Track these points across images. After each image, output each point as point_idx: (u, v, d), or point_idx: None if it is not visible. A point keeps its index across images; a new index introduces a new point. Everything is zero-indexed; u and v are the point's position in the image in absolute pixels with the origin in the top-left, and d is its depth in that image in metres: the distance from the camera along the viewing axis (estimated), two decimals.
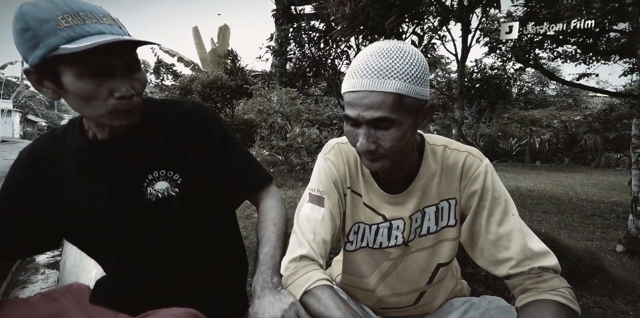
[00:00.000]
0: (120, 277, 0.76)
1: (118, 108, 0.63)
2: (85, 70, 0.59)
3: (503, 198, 0.68)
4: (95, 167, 0.72)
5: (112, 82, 0.62)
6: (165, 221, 0.72)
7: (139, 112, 0.68)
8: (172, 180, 0.72)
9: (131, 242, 0.72)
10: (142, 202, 0.71)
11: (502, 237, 0.65)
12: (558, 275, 0.62)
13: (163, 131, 0.74)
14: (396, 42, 0.62)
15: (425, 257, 0.75)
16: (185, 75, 10.49)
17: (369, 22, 1.91)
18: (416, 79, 0.59)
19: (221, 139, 0.78)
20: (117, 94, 0.62)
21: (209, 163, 0.76)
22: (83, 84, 0.60)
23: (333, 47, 5.90)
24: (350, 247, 0.77)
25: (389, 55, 0.58)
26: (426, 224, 0.73)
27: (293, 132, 5.30)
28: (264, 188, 0.82)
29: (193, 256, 0.75)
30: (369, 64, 0.59)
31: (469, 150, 0.72)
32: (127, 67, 0.63)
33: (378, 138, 0.61)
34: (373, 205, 0.74)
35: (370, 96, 0.58)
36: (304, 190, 3.00)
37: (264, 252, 0.69)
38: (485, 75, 10.18)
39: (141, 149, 0.72)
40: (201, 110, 0.78)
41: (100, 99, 0.62)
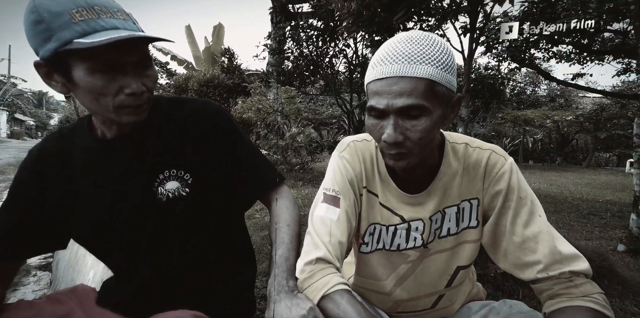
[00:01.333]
0: (126, 278, 0.74)
1: (127, 104, 0.62)
2: (97, 65, 0.58)
3: (529, 198, 0.65)
4: (103, 166, 0.71)
5: (123, 78, 0.61)
6: (174, 221, 0.70)
7: (147, 108, 0.67)
8: (182, 179, 0.71)
9: (138, 241, 0.71)
10: (152, 201, 0.69)
11: (528, 239, 0.62)
12: (590, 280, 0.60)
13: (173, 129, 0.73)
14: (423, 31, 0.60)
15: (445, 260, 0.72)
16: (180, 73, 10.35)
17: (376, 18, 1.89)
18: (447, 67, 0.57)
19: (232, 138, 0.76)
20: (128, 91, 0.61)
21: (219, 162, 0.74)
22: (94, 79, 0.59)
23: (331, 45, 5.87)
24: (365, 249, 0.75)
25: (419, 42, 0.57)
26: (446, 225, 0.70)
27: (291, 131, 5.26)
28: (276, 188, 0.80)
29: (201, 255, 0.74)
30: (398, 50, 0.57)
31: (492, 148, 0.70)
32: (139, 64, 0.62)
33: (407, 128, 0.58)
34: (390, 206, 0.71)
35: (401, 82, 0.55)
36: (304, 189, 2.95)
37: (278, 254, 0.67)
38: (480, 75, 10.27)
39: (151, 148, 0.71)
40: (212, 108, 0.77)
41: (110, 94, 0.61)
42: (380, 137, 0.60)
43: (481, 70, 10.40)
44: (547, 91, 17.64)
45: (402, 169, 0.67)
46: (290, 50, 6.05)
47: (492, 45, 5.40)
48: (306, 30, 5.65)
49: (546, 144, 12.94)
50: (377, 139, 0.62)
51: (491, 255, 0.70)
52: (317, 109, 6.83)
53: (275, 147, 5.14)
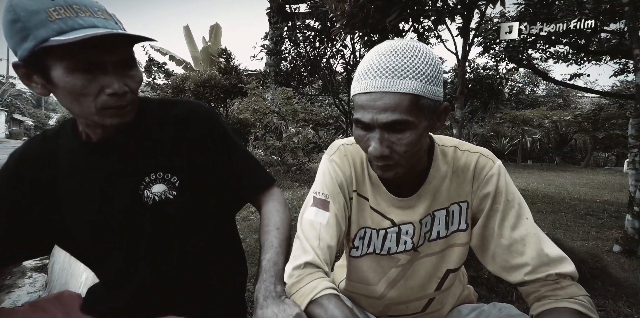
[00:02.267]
0: (114, 285, 0.72)
1: (109, 105, 0.60)
2: (75, 64, 0.56)
3: (517, 201, 0.65)
4: (89, 169, 0.69)
5: (104, 78, 0.59)
6: (162, 224, 0.69)
7: (132, 110, 0.65)
8: (169, 182, 0.70)
9: (126, 247, 0.69)
10: (138, 205, 0.68)
11: (516, 242, 0.62)
12: (576, 282, 0.60)
13: (161, 132, 0.71)
14: (408, 40, 0.58)
15: (434, 263, 0.72)
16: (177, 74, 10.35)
17: (369, 19, 1.88)
18: (432, 79, 0.56)
19: (222, 140, 0.75)
20: (109, 91, 0.59)
21: (209, 165, 0.73)
22: (73, 79, 0.57)
23: (328, 46, 5.87)
24: (355, 253, 0.74)
25: (403, 54, 0.55)
26: (436, 228, 0.70)
27: (289, 131, 5.25)
28: (266, 190, 0.79)
29: (191, 259, 0.73)
30: (382, 64, 0.56)
31: (481, 151, 0.70)
32: (121, 64, 0.61)
33: (392, 142, 0.58)
34: (381, 209, 0.71)
35: (385, 97, 0.55)
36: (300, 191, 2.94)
37: (266, 259, 0.66)
38: (478, 75, 10.28)
39: (137, 151, 0.70)
40: (202, 110, 0.75)
41: (90, 95, 0.59)
42: (367, 148, 0.60)
43: (479, 70, 10.41)
44: (545, 91, 17.67)
45: (390, 178, 0.67)
46: (287, 51, 6.05)
47: (490, 46, 5.41)
48: (303, 31, 5.65)
49: (545, 143, 12.95)
50: (364, 149, 0.62)
51: (480, 257, 0.70)
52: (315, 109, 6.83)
53: (272, 148, 5.13)
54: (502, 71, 9.93)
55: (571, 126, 11.69)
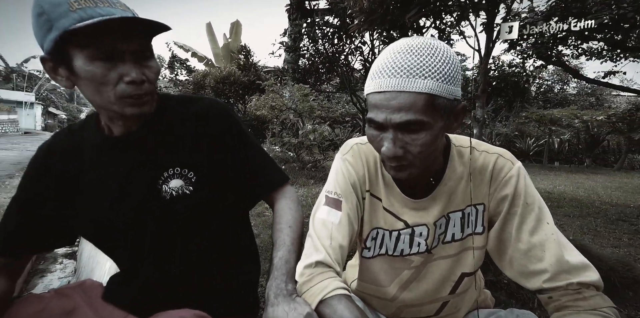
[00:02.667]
0: (130, 275, 0.75)
1: (127, 94, 0.62)
2: (95, 53, 0.59)
3: (537, 204, 0.63)
4: (110, 163, 0.71)
5: (122, 66, 0.61)
6: (178, 219, 0.71)
7: (150, 101, 0.66)
8: (186, 178, 0.71)
9: (142, 239, 0.72)
10: (156, 199, 0.70)
11: (534, 247, 0.60)
12: (601, 293, 0.57)
13: (179, 128, 0.73)
14: (425, 38, 0.57)
15: (449, 265, 0.70)
16: (198, 70, 10.59)
17: (388, 15, 1.84)
18: (449, 78, 0.54)
19: (237, 137, 0.76)
20: (127, 79, 0.61)
21: (225, 161, 0.74)
22: (93, 68, 0.59)
23: (347, 42, 5.81)
24: (367, 254, 0.74)
25: (420, 52, 0.54)
26: (451, 231, 0.69)
27: (305, 128, 5.26)
28: (280, 188, 0.80)
29: (204, 254, 0.74)
30: (397, 62, 0.54)
31: (500, 152, 0.68)
32: (139, 53, 0.62)
33: (406, 142, 0.57)
34: (394, 210, 0.70)
35: (400, 97, 0.54)
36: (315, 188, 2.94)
37: (278, 256, 0.66)
38: (503, 72, 9.86)
39: (157, 146, 0.71)
40: (219, 107, 0.77)
41: (110, 84, 0.61)
42: (380, 148, 0.59)
43: (504, 67, 9.98)
44: (576, 89, 16.73)
45: (404, 179, 0.66)
46: (305, 48, 6.04)
47: (516, 42, 5.16)
48: (322, 28, 5.62)
49: (574, 144, 12.28)
50: (377, 150, 0.61)
51: (497, 262, 0.68)
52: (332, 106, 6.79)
53: (288, 145, 5.17)
54: (529, 68, 9.47)
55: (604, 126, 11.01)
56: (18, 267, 0.76)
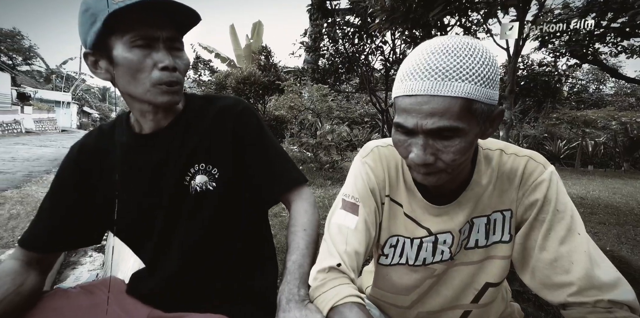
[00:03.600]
0: (154, 269, 0.77)
1: (162, 80, 0.66)
2: (132, 41, 0.63)
3: (569, 213, 0.58)
4: (139, 160, 0.74)
5: (157, 54, 0.65)
6: (201, 215, 0.72)
7: (179, 91, 0.70)
8: (210, 174, 0.73)
9: (167, 234, 0.74)
10: (184, 195, 0.72)
11: (562, 257, 0.56)
12: (636, 316, 0.51)
13: (204, 125, 0.75)
14: (461, 37, 0.52)
15: (471, 273, 0.67)
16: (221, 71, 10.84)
17: (411, 14, 1.78)
18: (488, 81, 0.50)
19: (257, 136, 0.77)
20: (161, 65, 0.65)
21: (244, 159, 0.76)
22: (131, 55, 0.64)
23: (367, 42, 5.73)
24: (385, 261, 0.71)
25: (456, 52, 0.49)
26: (474, 236, 0.65)
27: (323, 129, 5.26)
28: (296, 189, 0.79)
29: (224, 253, 0.75)
30: (431, 64, 0.49)
31: (530, 154, 0.63)
32: (171, 43, 0.67)
33: (438, 149, 0.53)
34: (415, 217, 0.67)
35: (433, 101, 0.49)
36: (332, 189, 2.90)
37: (291, 260, 0.65)
38: (532, 72, 9.38)
39: (182, 143, 0.74)
40: (240, 106, 0.78)
41: (145, 70, 0.65)
42: (407, 154, 0.55)
43: (534, 66, 9.50)
44: (614, 89, 15.64)
45: (432, 185, 0.62)
46: (325, 48, 6.02)
47: (548, 40, 4.88)
48: (342, 27, 5.57)
49: (610, 147, 11.49)
50: (404, 155, 0.57)
51: (518, 271, 0.64)
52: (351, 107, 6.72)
53: (306, 145, 5.18)
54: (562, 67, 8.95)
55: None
56: (48, 262, 0.78)
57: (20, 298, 0.66)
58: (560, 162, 11.37)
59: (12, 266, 0.71)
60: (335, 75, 6.21)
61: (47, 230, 0.75)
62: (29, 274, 0.71)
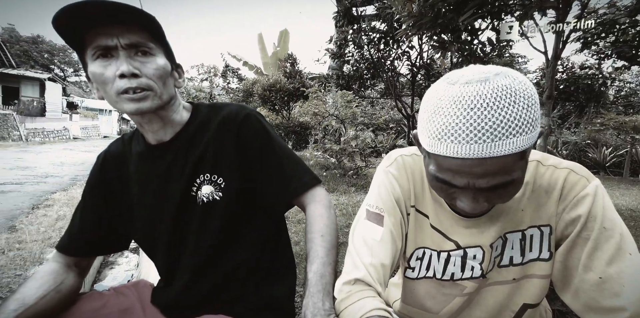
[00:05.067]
0: (169, 280, 0.78)
1: (122, 88, 0.63)
2: (93, 52, 0.63)
3: (618, 231, 0.52)
4: (148, 170, 0.75)
5: (116, 62, 0.63)
6: (210, 225, 0.72)
7: (150, 97, 0.66)
8: (216, 183, 0.72)
9: (177, 245, 0.74)
10: (192, 205, 0.72)
11: (611, 279, 0.50)
12: None
13: (208, 134, 0.75)
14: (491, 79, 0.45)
15: (506, 293, 0.62)
16: (248, 78, 11.21)
17: (439, 19, 1.72)
18: (536, 121, 0.45)
19: (262, 142, 0.75)
20: (117, 72, 0.62)
21: (250, 166, 0.74)
22: (95, 68, 0.63)
23: (393, 47, 5.66)
24: (412, 274, 0.68)
25: (498, 104, 0.43)
26: (508, 253, 0.61)
27: (347, 135, 5.22)
28: (308, 192, 0.76)
29: (237, 262, 0.74)
30: (474, 124, 0.43)
31: (571, 167, 0.58)
32: (133, 48, 0.64)
33: (489, 196, 0.50)
34: (443, 229, 0.64)
35: (485, 163, 0.45)
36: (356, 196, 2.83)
37: (312, 271, 0.62)
38: (573, 75, 8.78)
39: (187, 153, 0.74)
40: (243, 113, 0.76)
41: (109, 81, 0.63)
42: (453, 201, 0.53)
43: (575, 69, 8.89)
44: None
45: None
46: (350, 54, 6.02)
47: (592, 41, 4.54)
48: (368, 33, 5.56)
49: None
50: (447, 199, 0.55)
51: (559, 291, 0.59)
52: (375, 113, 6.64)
53: (329, 151, 5.16)
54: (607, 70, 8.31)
55: None
56: (85, 265, 0.82)
57: (60, 297, 0.70)
58: (605, 170, 10.46)
59: (53, 267, 0.76)
60: (360, 81, 6.18)
61: (79, 236, 0.78)
62: (68, 275, 0.76)
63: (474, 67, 0.50)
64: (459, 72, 0.49)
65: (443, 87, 0.48)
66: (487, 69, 0.47)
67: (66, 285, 0.73)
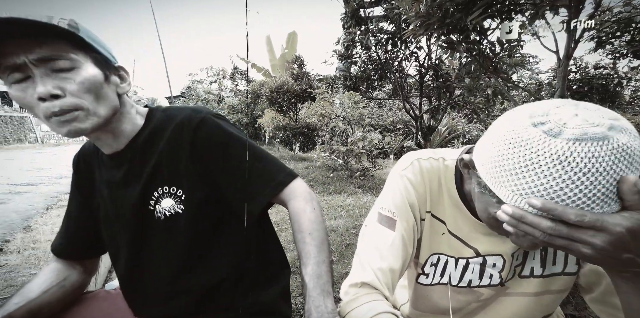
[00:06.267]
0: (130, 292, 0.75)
1: (47, 112, 0.55)
2: (7, 75, 0.54)
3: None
4: (108, 181, 0.72)
5: (32, 83, 0.54)
6: (175, 240, 0.69)
7: (84, 116, 0.58)
8: (175, 196, 0.68)
9: (136, 261, 0.72)
10: (150, 220, 0.68)
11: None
12: None
13: (162, 144, 0.69)
14: (609, 133, 0.39)
15: (526, 306, 0.61)
16: (256, 80, 11.31)
17: (447, 19, 1.70)
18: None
19: (223, 147, 0.69)
20: (35, 95, 0.54)
21: (214, 174, 0.69)
22: (12, 92, 0.55)
23: (401, 48, 5.63)
24: (425, 281, 0.66)
25: (616, 167, 0.38)
26: (529, 264, 0.59)
27: (354, 136, 5.20)
28: (285, 188, 0.70)
29: (216, 272, 0.71)
30: (584, 190, 0.38)
31: None
32: (48, 65, 0.54)
33: None
34: (461, 235, 0.62)
35: None
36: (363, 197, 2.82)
37: (308, 273, 0.60)
38: (587, 75, 8.56)
39: (142, 164, 0.69)
40: (198, 118, 0.69)
41: (33, 106, 0.55)
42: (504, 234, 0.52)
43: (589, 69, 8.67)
44: None
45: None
46: (358, 55, 6.02)
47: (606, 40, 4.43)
48: (376, 35, 5.54)
49: None
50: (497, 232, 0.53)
51: (584, 294, 0.57)
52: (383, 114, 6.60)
53: (336, 152, 5.15)
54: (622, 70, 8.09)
55: None
56: (90, 264, 0.82)
57: (63, 291, 0.71)
58: None
59: (57, 264, 0.77)
60: (368, 82, 6.15)
61: (68, 240, 0.78)
62: (72, 272, 0.76)
63: (571, 110, 0.42)
64: (555, 114, 0.42)
65: (539, 138, 0.40)
66: (598, 117, 0.40)
67: (70, 282, 0.73)
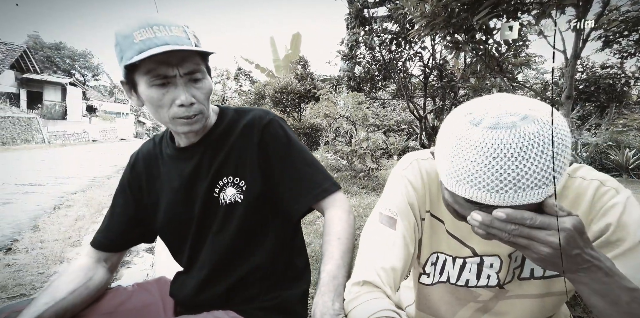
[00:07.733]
0: (188, 275, 0.81)
1: (179, 115, 0.69)
2: (152, 80, 0.66)
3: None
4: (176, 171, 0.80)
5: (174, 91, 0.67)
6: (229, 226, 0.75)
7: (200, 119, 0.72)
8: (238, 186, 0.75)
9: (198, 243, 0.78)
10: (214, 206, 0.76)
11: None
12: None
13: (233, 138, 0.78)
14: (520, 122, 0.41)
15: (529, 309, 0.61)
16: (260, 81, 11.36)
17: (453, 19, 1.69)
18: (564, 166, 0.43)
19: (284, 148, 0.78)
20: (178, 102, 0.68)
21: (272, 171, 0.77)
22: (151, 93, 0.67)
23: (405, 48, 5.62)
24: (426, 281, 0.67)
25: (524, 154, 0.40)
26: (529, 265, 0.59)
27: (358, 136, 5.20)
28: (329, 196, 0.77)
29: (253, 262, 0.77)
30: (495, 174, 0.42)
31: (599, 178, 0.56)
32: (189, 77, 0.68)
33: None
34: (459, 235, 0.63)
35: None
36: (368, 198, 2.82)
37: (326, 271, 0.64)
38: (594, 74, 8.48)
39: (212, 156, 0.77)
40: (267, 118, 0.79)
41: (165, 106, 0.69)
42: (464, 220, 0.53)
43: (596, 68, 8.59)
44: None
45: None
46: (362, 55, 6.01)
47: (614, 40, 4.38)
48: (380, 35, 5.54)
49: None
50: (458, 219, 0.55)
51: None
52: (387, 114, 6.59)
53: (340, 152, 5.15)
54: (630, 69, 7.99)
55: None
56: (115, 260, 0.87)
57: (88, 292, 0.74)
58: (629, 173, 10.03)
59: (85, 262, 0.81)
60: (371, 82, 6.15)
61: (111, 233, 0.84)
62: (98, 270, 0.80)
63: (500, 103, 0.45)
64: (483, 106, 0.45)
65: (464, 126, 0.44)
66: (515, 109, 0.43)
67: (95, 282, 0.77)
